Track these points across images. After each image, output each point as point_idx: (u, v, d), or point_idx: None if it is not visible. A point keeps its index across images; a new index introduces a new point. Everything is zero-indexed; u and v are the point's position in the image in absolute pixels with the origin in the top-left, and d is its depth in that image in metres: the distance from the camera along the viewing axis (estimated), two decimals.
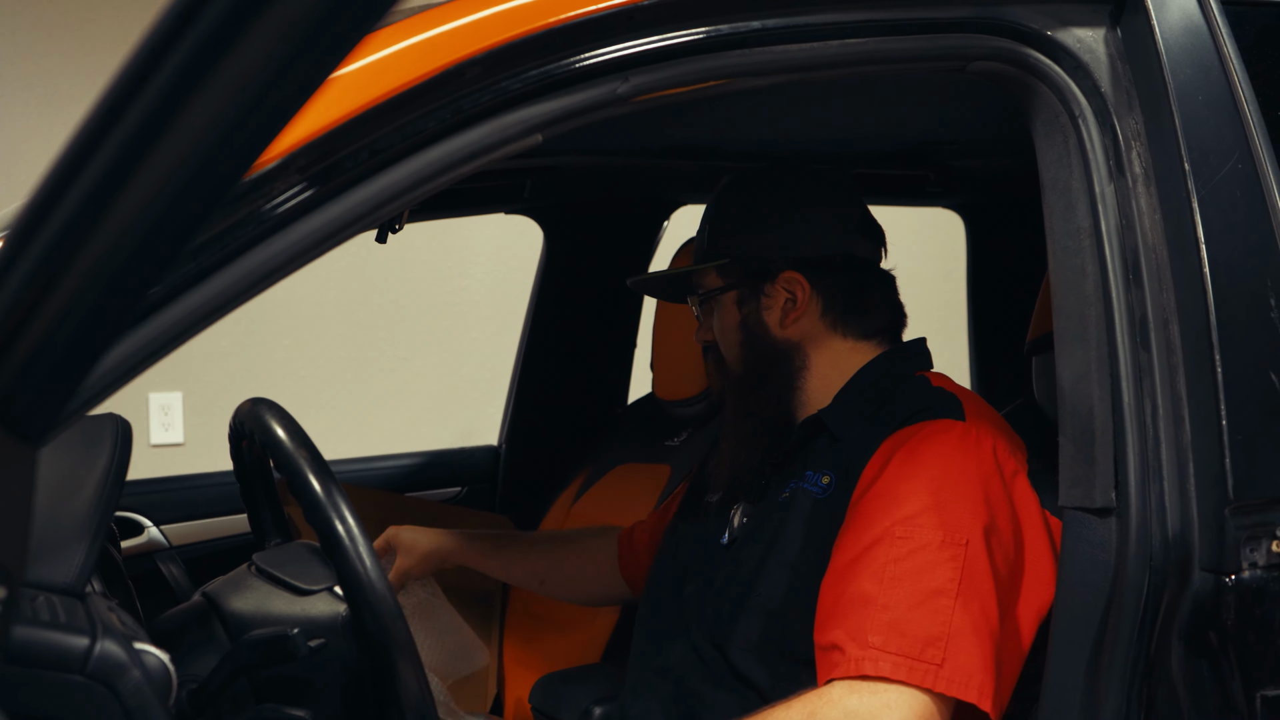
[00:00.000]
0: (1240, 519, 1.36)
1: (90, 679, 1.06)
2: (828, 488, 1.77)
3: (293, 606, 1.44)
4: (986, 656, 1.55)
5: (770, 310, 1.89)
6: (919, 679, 1.52)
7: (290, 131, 1.03)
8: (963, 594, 1.56)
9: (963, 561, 1.57)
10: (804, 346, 1.89)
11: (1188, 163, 1.42)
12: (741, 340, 1.91)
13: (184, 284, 1.13)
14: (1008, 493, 1.68)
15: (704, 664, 1.81)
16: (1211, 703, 1.36)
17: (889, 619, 1.55)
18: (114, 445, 1.41)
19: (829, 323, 1.89)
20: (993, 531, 1.62)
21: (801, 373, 1.90)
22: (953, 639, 1.53)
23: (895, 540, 1.60)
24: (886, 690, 1.52)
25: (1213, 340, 1.38)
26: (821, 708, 1.53)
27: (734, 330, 1.92)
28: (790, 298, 1.88)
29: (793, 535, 1.77)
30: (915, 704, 1.51)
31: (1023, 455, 1.77)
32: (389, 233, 2.21)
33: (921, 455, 1.68)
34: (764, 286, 1.89)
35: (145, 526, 2.70)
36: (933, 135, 2.46)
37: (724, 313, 1.93)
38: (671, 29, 1.31)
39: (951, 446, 1.68)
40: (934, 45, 1.45)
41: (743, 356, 1.92)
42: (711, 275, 1.94)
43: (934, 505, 1.62)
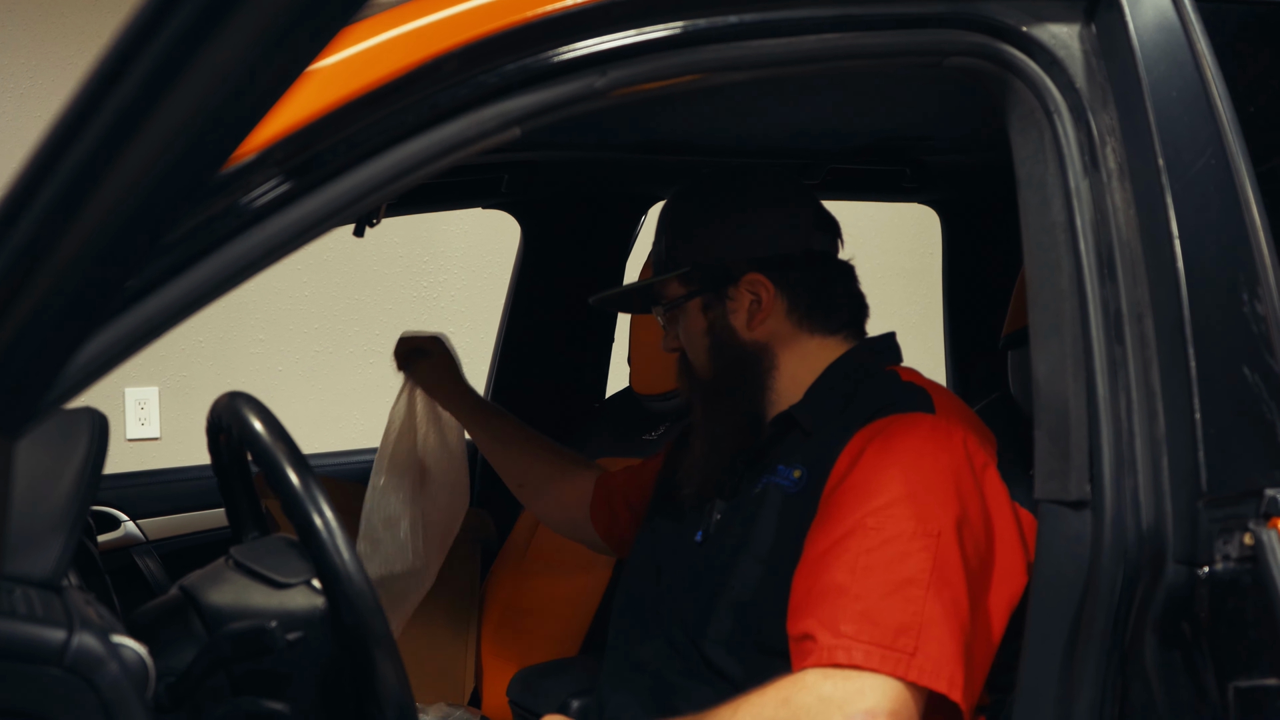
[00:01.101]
0: (1213, 511, 1.37)
1: (67, 672, 1.06)
2: (799, 481, 1.78)
3: (270, 600, 1.44)
4: (957, 647, 1.56)
5: (736, 313, 1.90)
6: (891, 667, 1.53)
7: (268, 125, 1.03)
8: (934, 584, 1.57)
9: (934, 552, 1.59)
10: (772, 346, 1.90)
11: (1162, 158, 1.42)
12: (709, 345, 1.92)
13: (161, 277, 1.12)
14: (978, 484, 1.70)
15: (679, 657, 1.82)
16: (1185, 694, 1.37)
17: (861, 608, 1.56)
18: (91, 439, 1.40)
19: (795, 320, 1.90)
20: (964, 523, 1.63)
21: (771, 372, 1.90)
22: (925, 628, 1.55)
23: (867, 531, 1.62)
24: (860, 677, 1.53)
25: (1186, 334, 1.39)
26: (796, 693, 1.54)
27: (701, 336, 1.92)
28: (755, 299, 1.89)
29: (765, 529, 1.79)
30: (888, 691, 1.53)
31: (992, 447, 1.79)
32: (366, 227, 2.21)
33: (892, 448, 1.69)
34: (728, 290, 1.90)
35: (122, 521, 2.70)
36: (908, 131, 2.46)
37: (690, 320, 1.94)
38: (649, 23, 1.32)
39: (922, 439, 1.69)
40: (910, 40, 1.45)
41: (711, 361, 1.92)
42: (674, 284, 1.95)
43: (905, 496, 1.63)
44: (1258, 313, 1.42)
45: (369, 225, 2.21)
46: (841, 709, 1.51)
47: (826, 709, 1.52)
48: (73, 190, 0.68)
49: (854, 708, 1.51)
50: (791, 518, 1.76)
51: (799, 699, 1.53)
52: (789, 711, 1.53)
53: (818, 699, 1.53)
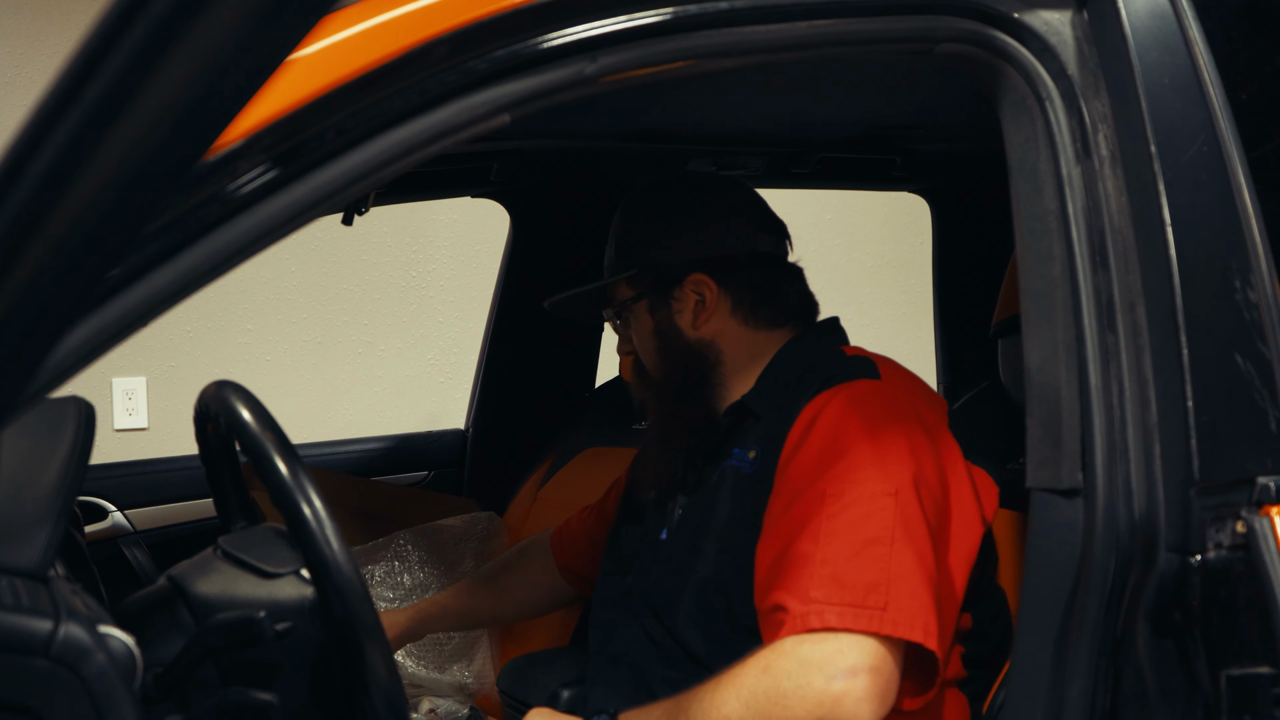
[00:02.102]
0: (1206, 499, 1.37)
1: (54, 662, 1.06)
2: (754, 461, 1.83)
3: (259, 590, 1.44)
4: (927, 598, 1.59)
5: (681, 313, 1.97)
6: (864, 625, 1.55)
7: (255, 111, 1.03)
8: (898, 540, 1.60)
9: (894, 509, 1.62)
10: (717, 343, 1.96)
11: (1154, 145, 1.42)
12: (658, 345, 1.99)
13: (147, 265, 1.12)
14: (931, 443, 1.74)
15: (655, 645, 1.85)
16: (1178, 682, 1.37)
17: (829, 573, 1.59)
18: (77, 428, 1.39)
19: (740, 318, 1.96)
20: (920, 480, 1.67)
21: (718, 368, 1.96)
22: (893, 583, 1.57)
23: (827, 498, 1.65)
24: (836, 638, 1.55)
25: (1179, 322, 1.39)
26: (775, 660, 1.56)
27: (650, 337, 1.99)
28: (699, 299, 1.95)
29: (724, 510, 1.83)
30: (866, 647, 1.55)
31: (942, 409, 1.84)
32: (355, 215, 2.21)
33: (842, 416, 1.73)
34: (672, 291, 1.97)
35: (109, 511, 2.69)
36: (899, 119, 2.46)
37: (639, 322, 2.01)
38: (639, 9, 1.31)
39: (871, 403, 1.73)
40: (901, 27, 1.45)
41: (661, 361, 1.99)
42: (623, 287, 2.02)
43: (861, 460, 1.66)
44: (1250, 300, 1.41)
45: (358, 213, 2.21)
46: (822, 670, 1.53)
47: (807, 671, 1.54)
48: (56, 176, 0.68)
49: (835, 668, 1.53)
50: (750, 496, 1.80)
51: (779, 665, 1.55)
52: (770, 679, 1.55)
53: (797, 663, 1.55)
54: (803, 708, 1.52)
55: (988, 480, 1.82)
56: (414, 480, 3.15)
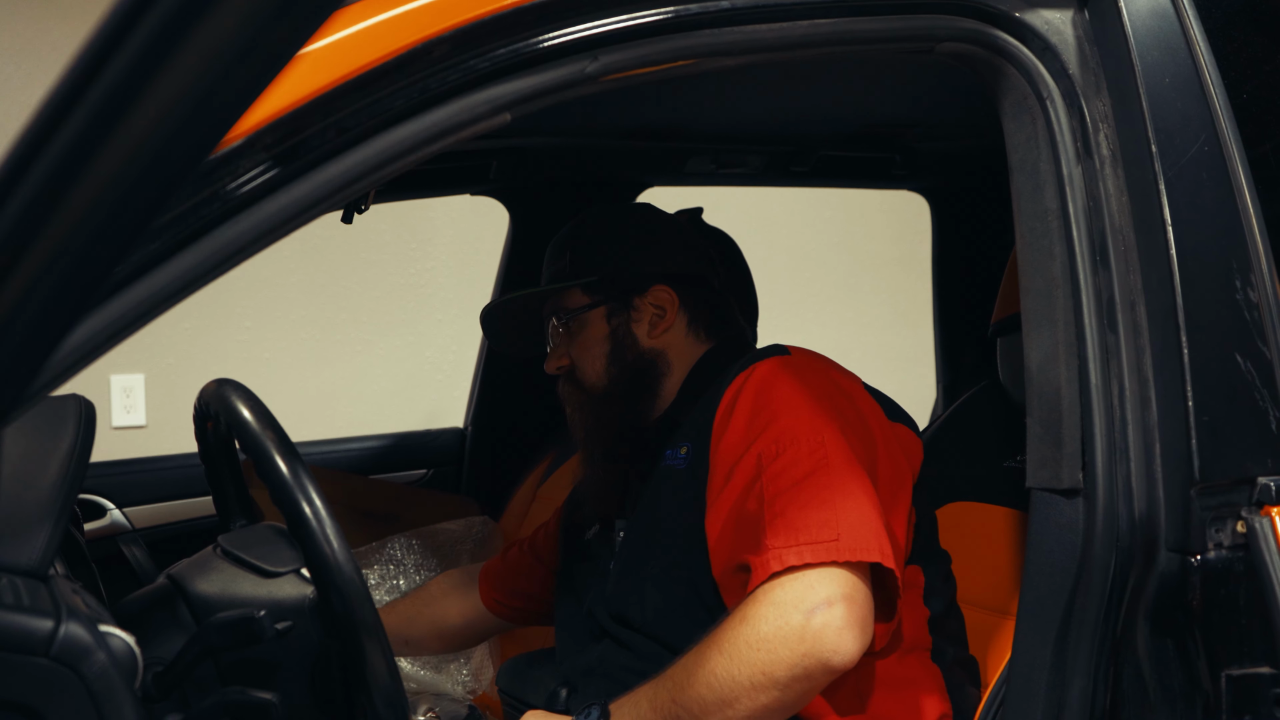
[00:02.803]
0: (1206, 499, 1.37)
1: (55, 661, 1.06)
2: (686, 456, 1.85)
3: (259, 589, 1.44)
4: (876, 521, 1.62)
5: (639, 323, 1.99)
6: (822, 556, 1.57)
7: (256, 109, 1.03)
8: (836, 475, 1.64)
9: (826, 452, 1.66)
10: (667, 354, 2.00)
11: (1155, 144, 1.42)
12: (609, 352, 2.00)
13: (149, 263, 1.12)
14: (850, 401, 1.79)
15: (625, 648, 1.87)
16: (1177, 682, 1.37)
17: (781, 523, 1.62)
18: (77, 426, 1.39)
19: (692, 333, 2.02)
20: (845, 428, 1.71)
21: (663, 379, 2.00)
22: (840, 515, 1.60)
23: (763, 459, 1.69)
24: (803, 575, 1.57)
25: (1179, 322, 1.39)
26: (750, 608, 1.58)
27: (601, 343, 2.00)
28: (658, 310, 1.99)
29: (669, 506, 1.85)
30: (835, 577, 1.57)
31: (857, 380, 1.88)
32: (355, 213, 2.20)
33: (761, 390, 1.77)
34: (633, 300, 1.99)
35: (108, 509, 2.69)
36: (899, 118, 2.46)
37: (589, 329, 2.01)
38: (640, 8, 1.31)
39: (787, 374, 1.77)
40: (902, 26, 1.45)
41: (608, 369, 2.00)
42: (577, 294, 2.03)
43: (788, 420, 1.70)
44: (1250, 300, 1.42)
45: (357, 212, 2.20)
46: (798, 607, 1.55)
47: (783, 612, 1.55)
48: (60, 175, 0.67)
49: (809, 602, 1.55)
50: (688, 486, 1.82)
51: (755, 612, 1.57)
52: (749, 627, 1.57)
53: (771, 606, 1.56)
54: (786, 646, 1.54)
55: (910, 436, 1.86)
56: (413, 479, 3.15)
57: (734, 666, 1.56)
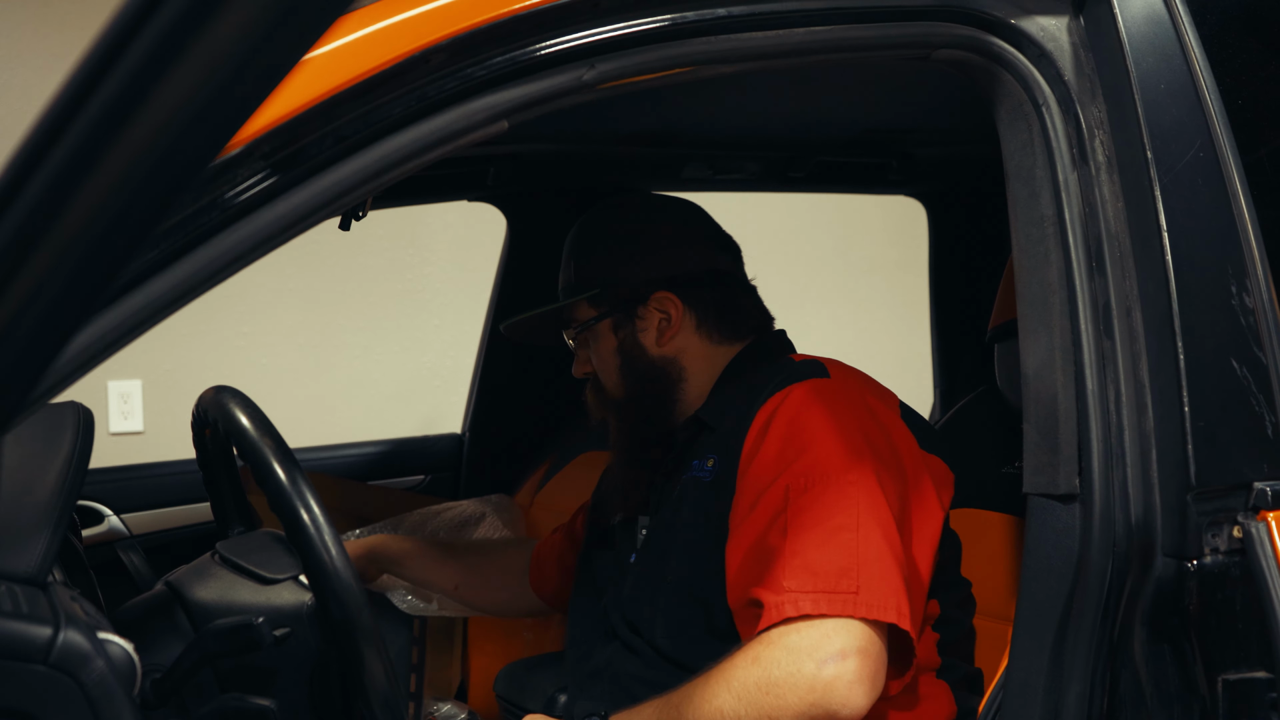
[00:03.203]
0: (1202, 504, 1.37)
1: (53, 669, 1.06)
2: (713, 470, 1.84)
3: (257, 595, 1.44)
4: (896, 580, 1.60)
5: (646, 331, 1.97)
6: (839, 609, 1.56)
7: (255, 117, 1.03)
8: (863, 525, 1.62)
9: (857, 496, 1.64)
10: (679, 360, 1.98)
11: (1150, 151, 1.43)
12: (620, 364, 1.99)
13: (148, 270, 1.12)
14: (885, 434, 1.76)
15: (635, 654, 1.87)
16: (1174, 686, 1.37)
17: (799, 563, 1.60)
18: (75, 433, 1.39)
19: (704, 334, 1.98)
20: (879, 468, 1.68)
21: (680, 384, 1.97)
22: (862, 567, 1.58)
23: (790, 492, 1.67)
24: (821, 624, 1.56)
25: (1175, 327, 1.39)
26: (763, 650, 1.57)
27: (612, 355, 1.99)
28: (665, 317, 1.97)
29: (690, 519, 1.83)
30: (850, 630, 1.55)
31: (894, 402, 1.86)
32: (353, 220, 2.20)
33: (796, 414, 1.74)
34: (637, 310, 1.97)
35: (106, 515, 2.69)
36: (895, 123, 2.46)
37: (601, 341, 2.00)
38: (637, 16, 1.31)
39: (823, 401, 1.74)
40: (898, 33, 1.45)
41: (623, 379, 1.99)
42: (584, 307, 2.02)
43: (820, 453, 1.68)
44: (1246, 305, 1.42)
45: (356, 218, 2.20)
46: (811, 655, 1.53)
47: (796, 658, 1.54)
48: (61, 184, 0.68)
49: (823, 652, 1.53)
50: (711, 503, 1.80)
51: (767, 654, 1.56)
52: (760, 669, 1.55)
53: (785, 651, 1.55)
54: (795, 694, 1.52)
55: (943, 468, 1.84)
56: (410, 484, 3.14)
57: (741, 708, 1.55)
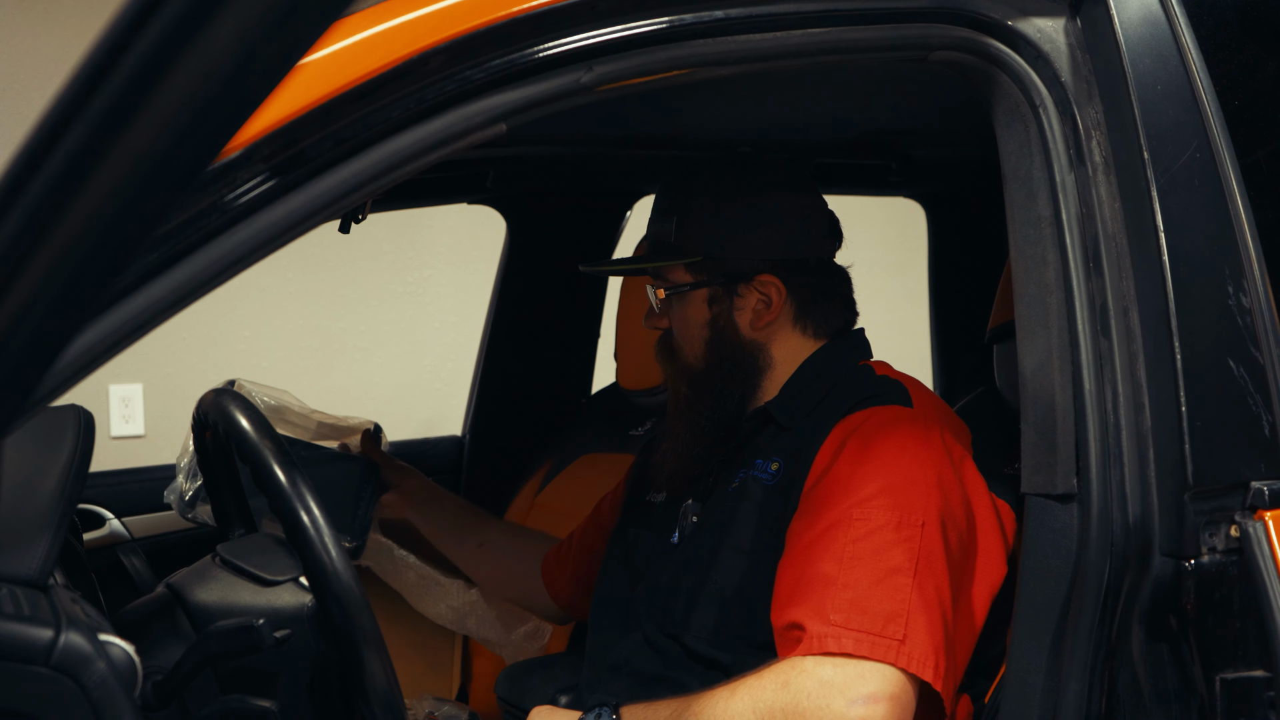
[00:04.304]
0: (1199, 504, 1.37)
1: (55, 671, 1.06)
2: (777, 474, 1.79)
3: (258, 597, 1.44)
4: (940, 637, 1.58)
5: (742, 311, 1.88)
6: (881, 654, 1.54)
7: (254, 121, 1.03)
8: (920, 573, 1.59)
9: (919, 542, 1.61)
10: (769, 347, 1.90)
11: (1147, 152, 1.43)
12: (709, 339, 1.89)
13: (148, 274, 1.12)
14: (958, 476, 1.72)
15: (657, 653, 1.83)
16: (1172, 686, 1.37)
17: (850, 597, 1.57)
18: (76, 437, 1.40)
19: (798, 324, 1.90)
20: (946, 514, 1.65)
21: (764, 372, 1.90)
22: (911, 616, 1.56)
23: (853, 523, 1.63)
24: (856, 663, 1.54)
25: (1172, 327, 1.39)
26: (794, 677, 1.55)
27: (701, 327, 1.90)
28: (764, 299, 1.88)
29: (745, 522, 1.79)
30: (885, 676, 1.53)
31: (968, 440, 1.82)
32: (352, 223, 2.21)
33: (874, 441, 1.70)
34: (738, 287, 1.88)
35: (107, 518, 2.69)
36: (894, 125, 2.46)
37: (691, 308, 1.90)
38: (634, 18, 1.32)
39: (903, 433, 1.70)
40: (896, 35, 1.45)
41: (706, 354, 1.90)
42: (681, 270, 1.91)
43: (889, 488, 1.64)
44: (1243, 305, 1.42)
45: (355, 221, 2.20)
46: (843, 693, 1.52)
47: (827, 693, 1.52)
48: (60, 186, 0.68)
49: (855, 692, 1.52)
50: (771, 509, 1.77)
51: (799, 683, 1.54)
52: (789, 695, 1.54)
53: (818, 683, 1.53)
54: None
55: (1010, 513, 1.80)
56: None
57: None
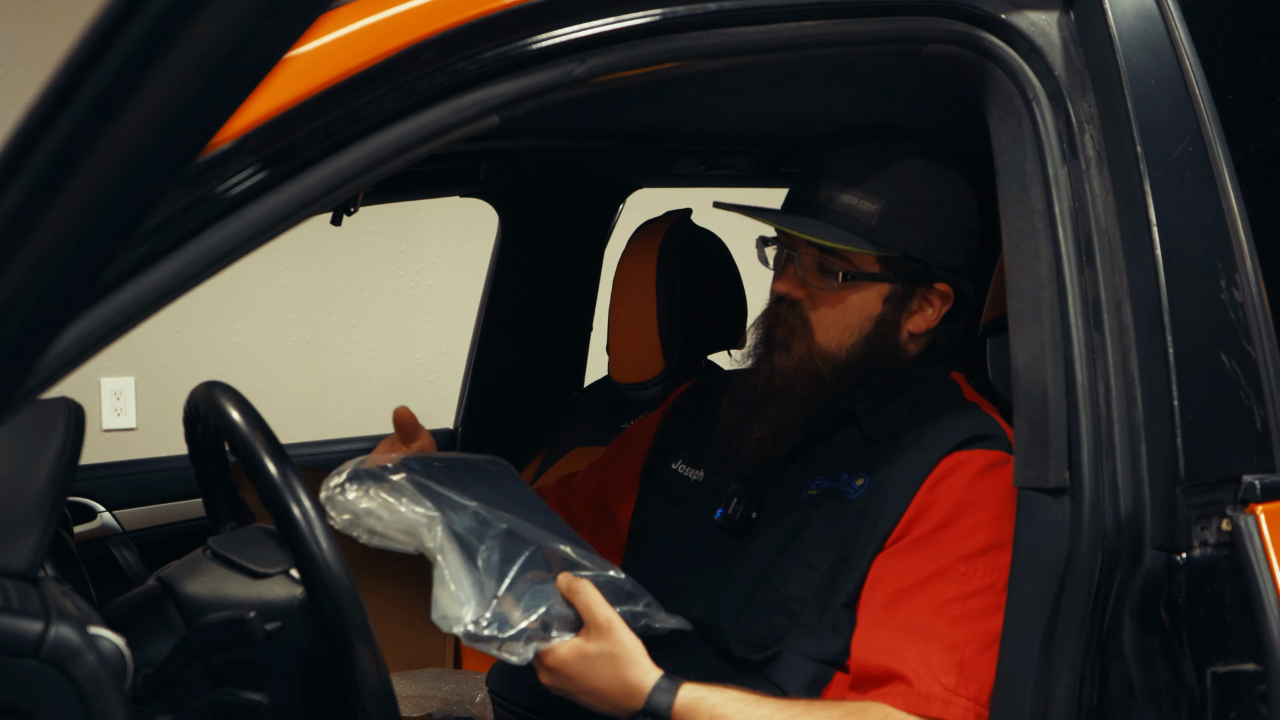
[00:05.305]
0: (1191, 498, 1.37)
1: (44, 663, 1.06)
2: (861, 489, 1.72)
3: (249, 590, 1.44)
4: None
5: (909, 314, 1.81)
6: None
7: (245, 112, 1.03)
8: None
9: None
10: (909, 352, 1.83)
11: (1140, 145, 1.43)
12: (868, 334, 1.79)
13: (138, 266, 1.12)
14: None
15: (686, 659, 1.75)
16: (1163, 679, 1.37)
17: (958, 660, 1.56)
18: (66, 429, 1.39)
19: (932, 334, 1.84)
20: None
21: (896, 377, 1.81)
22: None
23: (960, 577, 1.60)
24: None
25: (1164, 321, 1.39)
26: None
27: (866, 320, 1.79)
28: (931, 306, 1.81)
29: (816, 531, 1.73)
30: None
31: None
32: (344, 215, 2.20)
33: (984, 491, 1.65)
34: (916, 289, 1.80)
35: (98, 511, 2.68)
36: (887, 118, 2.46)
37: (864, 298, 1.79)
38: (628, 10, 1.31)
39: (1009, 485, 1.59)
40: (889, 28, 1.45)
41: (856, 346, 1.79)
42: (871, 259, 1.78)
43: (998, 545, 1.60)
44: (1235, 300, 1.42)
45: (346, 214, 2.20)
46: None
47: None
48: (48, 178, 0.68)
49: None
50: (846, 524, 1.70)
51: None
52: None
53: None
54: None
55: None
56: None
57: None
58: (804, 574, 1.71)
